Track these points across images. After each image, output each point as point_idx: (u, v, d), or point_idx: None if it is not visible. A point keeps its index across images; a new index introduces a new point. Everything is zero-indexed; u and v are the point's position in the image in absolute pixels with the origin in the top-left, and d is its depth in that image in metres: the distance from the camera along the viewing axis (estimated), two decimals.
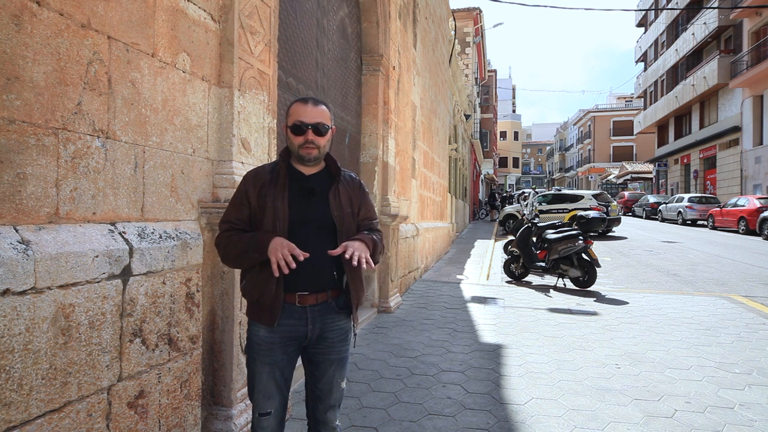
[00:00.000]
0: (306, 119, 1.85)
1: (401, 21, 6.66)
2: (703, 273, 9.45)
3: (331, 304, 1.93)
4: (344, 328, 1.99)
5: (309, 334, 1.90)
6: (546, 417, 3.15)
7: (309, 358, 1.98)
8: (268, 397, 1.90)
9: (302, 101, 1.90)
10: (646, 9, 36.06)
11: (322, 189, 1.92)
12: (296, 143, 1.87)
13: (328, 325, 1.93)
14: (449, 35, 14.49)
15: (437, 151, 11.61)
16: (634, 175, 42.28)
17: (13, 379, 1.56)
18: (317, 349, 1.95)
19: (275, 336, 1.88)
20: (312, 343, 1.94)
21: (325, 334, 1.93)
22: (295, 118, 1.87)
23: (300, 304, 1.87)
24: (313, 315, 1.89)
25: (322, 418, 2.00)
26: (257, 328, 1.90)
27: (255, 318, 1.90)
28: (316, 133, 1.86)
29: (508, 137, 66.66)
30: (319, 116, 1.87)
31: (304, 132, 1.85)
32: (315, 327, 1.90)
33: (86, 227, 1.88)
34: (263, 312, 1.86)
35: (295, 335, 1.89)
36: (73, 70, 1.83)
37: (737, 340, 4.91)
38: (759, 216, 16.32)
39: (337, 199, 1.92)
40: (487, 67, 38.96)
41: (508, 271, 8.70)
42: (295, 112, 1.88)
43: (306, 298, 1.87)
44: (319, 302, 1.90)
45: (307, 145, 1.86)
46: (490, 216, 30.10)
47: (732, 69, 23.94)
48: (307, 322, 1.89)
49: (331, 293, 1.92)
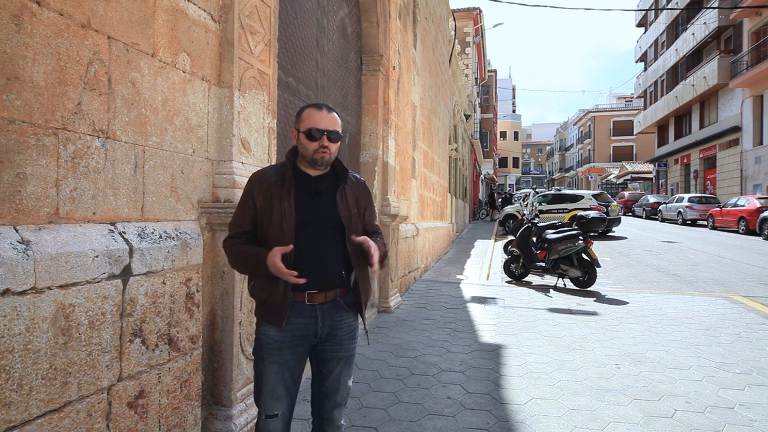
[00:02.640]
0: (321, 126, 1.88)
1: (401, 21, 6.66)
2: (703, 273, 9.45)
3: (340, 302, 1.95)
4: (352, 325, 2.01)
5: (319, 332, 1.92)
6: (546, 417, 3.15)
7: (317, 356, 1.99)
8: (275, 399, 1.89)
9: (316, 107, 1.92)
10: (646, 9, 36.05)
11: (329, 190, 1.94)
12: (311, 148, 1.89)
13: (337, 322, 1.95)
14: (449, 35, 14.49)
15: (437, 151, 11.61)
16: (634, 175, 42.28)
17: (13, 379, 1.56)
18: (326, 347, 1.96)
19: (285, 335, 1.88)
20: (321, 341, 1.95)
21: (335, 331, 1.95)
22: (309, 124, 1.89)
23: (309, 303, 1.89)
24: (322, 313, 1.91)
25: (327, 416, 2.01)
26: (267, 328, 1.90)
27: (264, 318, 1.91)
28: (329, 140, 1.89)
29: (508, 137, 66.66)
30: (333, 123, 1.91)
31: (318, 138, 1.88)
32: (325, 325, 1.92)
33: (86, 227, 1.88)
34: (272, 312, 1.87)
35: (305, 334, 1.91)
36: (73, 70, 1.83)
37: (737, 340, 4.91)
38: (759, 216, 16.32)
39: (344, 199, 1.94)
40: (487, 67, 38.96)
41: (508, 271, 8.70)
42: (309, 118, 1.90)
43: (315, 296, 1.89)
44: (328, 300, 1.91)
45: (322, 151, 1.88)
46: (490, 216, 30.09)
47: (732, 69, 23.93)
48: (317, 320, 1.90)
49: (340, 291, 1.94)
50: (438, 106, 11.79)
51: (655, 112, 34.61)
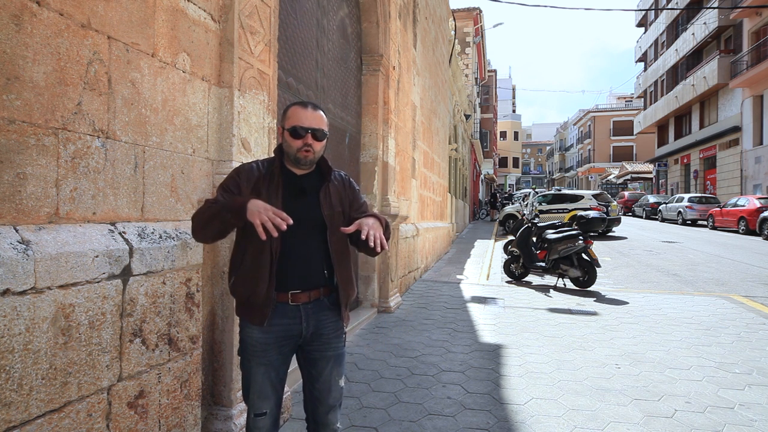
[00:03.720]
0: (305, 124, 1.86)
1: (401, 21, 6.66)
2: (703, 273, 9.45)
3: (324, 301, 1.94)
4: (338, 324, 1.99)
5: (304, 332, 1.91)
6: (546, 417, 3.15)
7: (305, 357, 1.98)
8: (263, 398, 1.90)
9: (302, 105, 1.90)
10: (646, 9, 36.06)
11: (313, 189, 1.93)
12: (294, 146, 1.87)
13: (322, 322, 1.93)
14: (449, 35, 14.49)
15: (437, 151, 11.61)
16: (634, 175, 42.28)
17: (13, 379, 1.56)
18: (313, 347, 1.95)
19: (269, 336, 1.87)
20: (307, 341, 1.94)
21: (320, 330, 1.93)
22: (294, 121, 1.87)
23: (293, 303, 1.88)
24: (306, 313, 1.89)
25: (323, 420, 1.99)
26: (250, 329, 1.89)
27: (246, 317, 1.89)
28: (314, 138, 1.87)
29: (508, 137, 66.66)
30: (318, 122, 1.89)
31: (302, 136, 1.86)
32: (309, 325, 1.90)
33: (86, 227, 1.88)
34: (254, 311, 1.85)
35: (289, 334, 1.89)
36: (73, 70, 1.83)
37: (737, 340, 4.91)
38: (759, 216, 16.32)
39: (327, 198, 1.93)
40: (487, 67, 38.96)
41: (508, 271, 8.70)
42: (294, 115, 1.88)
43: (298, 296, 1.88)
44: (312, 300, 1.90)
45: (305, 149, 1.87)
46: (490, 216, 30.10)
47: (732, 69, 23.93)
48: (302, 320, 1.89)
49: (323, 291, 1.93)
50: (438, 106, 11.79)
51: (655, 112, 34.61)
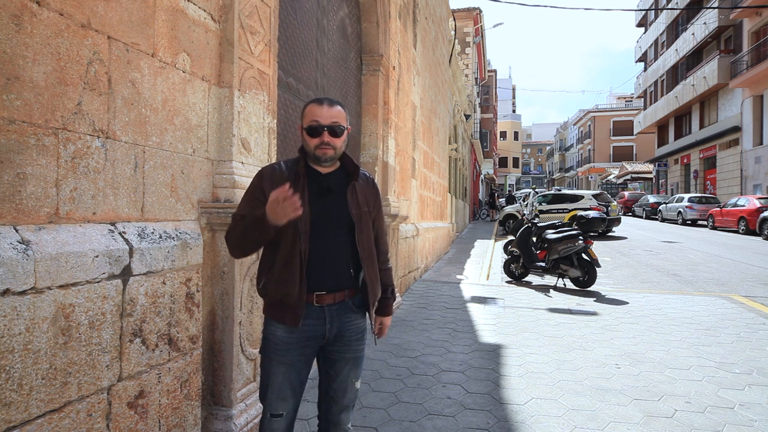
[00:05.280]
0: (321, 120, 1.83)
1: (401, 21, 6.66)
2: (703, 273, 9.44)
3: (348, 303, 1.92)
4: (361, 327, 1.98)
5: (327, 334, 1.89)
6: (546, 417, 3.15)
7: (325, 357, 1.97)
8: (281, 399, 1.87)
9: (317, 102, 1.87)
10: (646, 9, 36.05)
11: (340, 187, 1.90)
12: (312, 144, 1.84)
13: (345, 324, 1.92)
14: (449, 35, 14.49)
15: (437, 151, 11.61)
16: (634, 175, 42.28)
17: (13, 379, 1.56)
18: (334, 348, 1.94)
19: (293, 336, 1.85)
20: (329, 342, 1.93)
21: (343, 333, 1.92)
22: (310, 119, 1.84)
23: (318, 304, 1.86)
24: (331, 314, 1.88)
25: (335, 419, 1.98)
26: (275, 328, 1.87)
27: (277, 318, 1.86)
28: (332, 134, 1.84)
29: (508, 137, 66.64)
30: (334, 117, 1.85)
31: (320, 133, 1.83)
32: (333, 326, 1.89)
33: (86, 227, 1.88)
34: (286, 312, 1.82)
35: (313, 335, 1.88)
36: (73, 70, 1.83)
37: (737, 340, 4.91)
38: (759, 216, 16.32)
39: (354, 197, 1.91)
40: (487, 67, 38.96)
41: (508, 271, 8.70)
42: (310, 113, 1.86)
43: (323, 297, 1.86)
44: (337, 301, 1.88)
45: (323, 147, 1.84)
46: (490, 216, 30.09)
47: (732, 69, 23.93)
48: (326, 321, 1.87)
49: (348, 292, 1.91)
50: (438, 106, 11.79)
51: (655, 112, 34.61)
